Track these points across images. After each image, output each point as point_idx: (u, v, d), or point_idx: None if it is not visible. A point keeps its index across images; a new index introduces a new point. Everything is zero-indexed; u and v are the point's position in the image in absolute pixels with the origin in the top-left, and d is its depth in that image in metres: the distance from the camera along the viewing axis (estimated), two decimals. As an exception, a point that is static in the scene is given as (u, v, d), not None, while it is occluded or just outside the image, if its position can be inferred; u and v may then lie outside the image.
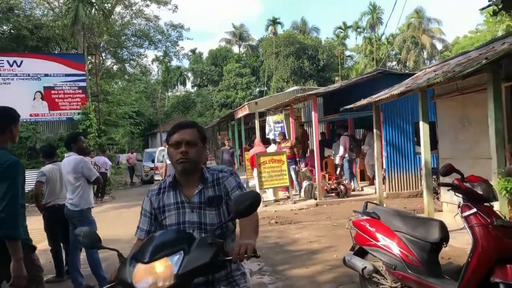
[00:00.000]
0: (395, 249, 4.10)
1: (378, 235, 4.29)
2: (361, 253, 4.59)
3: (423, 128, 6.64)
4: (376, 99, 7.98)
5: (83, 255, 5.55)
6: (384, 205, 9.09)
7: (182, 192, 2.35)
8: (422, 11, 52.81)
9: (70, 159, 5.49)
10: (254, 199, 2.05)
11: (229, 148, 15.28)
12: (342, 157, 12.09)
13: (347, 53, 59.40)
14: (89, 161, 14.49)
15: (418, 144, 12.06)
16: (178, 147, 2.27)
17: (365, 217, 4.59)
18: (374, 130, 8.63)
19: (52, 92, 18.04)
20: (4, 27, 25.21)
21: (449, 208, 8.39)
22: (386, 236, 4.23)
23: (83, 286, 5.47)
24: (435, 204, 9.40)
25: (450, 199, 8.44)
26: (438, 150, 8.72)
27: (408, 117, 11.49)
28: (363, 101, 8.58)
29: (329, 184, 11.83)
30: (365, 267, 4.28)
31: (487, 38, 34.04)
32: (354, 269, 4.44)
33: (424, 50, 52.27)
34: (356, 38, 61.87)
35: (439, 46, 53.62)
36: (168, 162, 10.10)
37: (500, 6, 6.71)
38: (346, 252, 6.66)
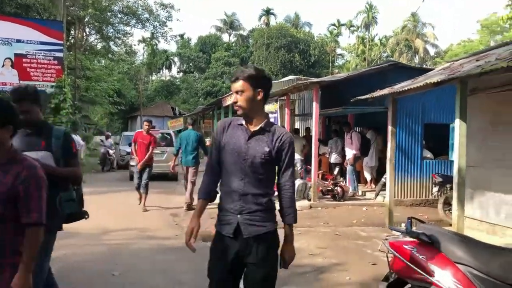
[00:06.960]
0: (456, 288, 2.91)
1: (432, 266, 3.09)
2: (399, 285, 3.41)
3: (460, 128, 5.47)
4: (398, 90, 6.75)
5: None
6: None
7: None
8: (417, 15, 52.16)
9: None
10: None
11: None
12: (355, 156, 11.06)
13: (338, 51, 58.48)
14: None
15: (426, 148, 11.01)
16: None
17: (409, 239, 3.40)
18: (389, 128, 7.42)
19: (24, 60, 16.33)
20: (-21, -10, 23.31)
21: (468, 224, 7.28)
22: (444, 269, 3.04)
23: None
24: (447, 216, 8.34)
25: (472, 214, 7.36)
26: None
27: (418, 117, 10.40)
28: (380, 92, 7.33)
29: (325, 185, 10.63)
30: (410, 309, 3.08)
31: (479, 47, 33.79)
32: (392, 308, 3.24)
33: (416, 55, 51.63)
34: (349, 37, 61.08)
35: (432, 52, 53.06)
36: None
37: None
38: (359, 273, 5.47)
